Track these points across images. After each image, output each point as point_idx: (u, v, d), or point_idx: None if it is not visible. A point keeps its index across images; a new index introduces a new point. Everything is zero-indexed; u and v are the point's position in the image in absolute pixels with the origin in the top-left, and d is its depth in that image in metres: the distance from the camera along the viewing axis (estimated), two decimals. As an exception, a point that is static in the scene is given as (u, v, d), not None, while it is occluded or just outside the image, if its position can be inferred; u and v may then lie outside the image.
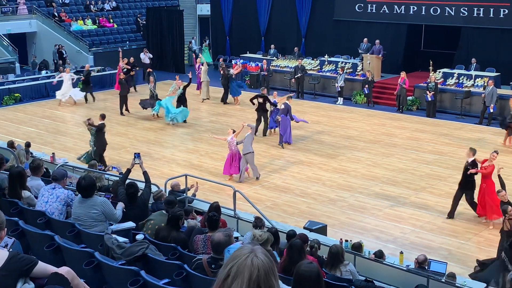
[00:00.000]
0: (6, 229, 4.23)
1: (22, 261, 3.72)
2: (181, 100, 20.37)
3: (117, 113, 21.59)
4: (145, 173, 8.78)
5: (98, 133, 15.41)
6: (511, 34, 22.53)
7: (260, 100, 18.53)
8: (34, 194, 7.75)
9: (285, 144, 17.71)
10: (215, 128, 19.70)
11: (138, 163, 8.68)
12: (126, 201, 8.30)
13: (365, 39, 24.65)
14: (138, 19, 32.69)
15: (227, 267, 2.52)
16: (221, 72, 23.64)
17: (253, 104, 18.83)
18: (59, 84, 23.41)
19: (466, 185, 12.62)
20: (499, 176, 11.77)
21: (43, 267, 3.82)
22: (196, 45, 32.48)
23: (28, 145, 13.64)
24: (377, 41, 24.18)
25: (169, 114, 20.04)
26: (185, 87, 20.30)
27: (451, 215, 12.77)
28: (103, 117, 15.77)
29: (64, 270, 3.82)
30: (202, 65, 23.93)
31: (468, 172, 12.46)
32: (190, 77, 20.96)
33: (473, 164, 12.54)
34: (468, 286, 8.67)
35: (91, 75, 24.31)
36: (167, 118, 20.14)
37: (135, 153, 8.87)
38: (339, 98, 23.32)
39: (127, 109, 21.75)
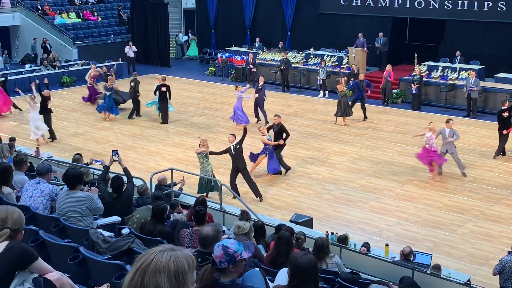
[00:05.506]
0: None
1: (22, 252, 3.64)
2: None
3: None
4: (125, 169, 8.72)
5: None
6: (495, 27, 22.67)
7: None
8: (17, 188, 7.69)
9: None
10: (202, 123, 19.68)
11: (117, 160, 8.59)
12: (110, 196, 8.26)
13: (381, 33, 24.63)
14: (120, 12, 32.45)
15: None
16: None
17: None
18: None
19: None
20: None
21: (42, 265, 3.74)
22: (183, 38, 32.34)
23: (12, 139, 13.52)
24: (360, 34, 24.23)
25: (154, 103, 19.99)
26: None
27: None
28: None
29: (54, 277, 3.74)
30: None
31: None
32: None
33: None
34: (453, 278, 8.75)
35: None
36: (149, 104, 20.05)
37: (113, 150, 8.77)
38: (321, 91, 23.37)
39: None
